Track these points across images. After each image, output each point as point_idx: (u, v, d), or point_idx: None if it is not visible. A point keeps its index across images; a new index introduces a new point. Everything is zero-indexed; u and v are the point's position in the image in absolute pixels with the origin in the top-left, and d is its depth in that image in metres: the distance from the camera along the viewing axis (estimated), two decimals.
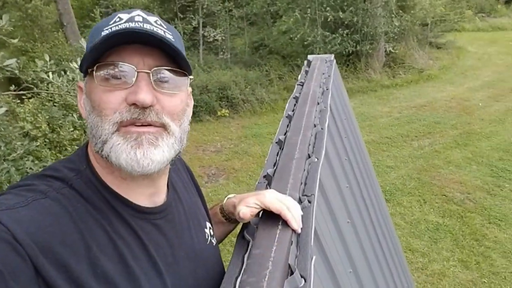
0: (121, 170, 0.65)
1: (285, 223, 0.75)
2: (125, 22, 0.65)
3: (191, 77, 0.72)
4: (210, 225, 0.88)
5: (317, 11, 9.47)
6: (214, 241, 0.87)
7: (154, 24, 0.67)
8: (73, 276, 0.56)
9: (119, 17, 0.67)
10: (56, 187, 0.63)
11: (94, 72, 0.65)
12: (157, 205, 0.74)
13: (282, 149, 1.09)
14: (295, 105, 1.44)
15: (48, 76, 2.38)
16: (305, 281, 0.64)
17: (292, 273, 0.65)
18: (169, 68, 0.67)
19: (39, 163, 2.75)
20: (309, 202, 0.85)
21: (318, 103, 1.40)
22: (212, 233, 0.87)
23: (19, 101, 4.46)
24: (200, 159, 6.60)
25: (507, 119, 7.23)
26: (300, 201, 0.85)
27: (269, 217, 0.77)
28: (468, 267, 3.87)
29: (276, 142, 1.15)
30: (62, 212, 0.59)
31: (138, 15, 0.67)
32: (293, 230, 0.75)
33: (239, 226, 0.88)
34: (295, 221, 0.75)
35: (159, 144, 0.66)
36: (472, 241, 4.22)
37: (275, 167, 1.00)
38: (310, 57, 2.06)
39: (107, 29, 0.65)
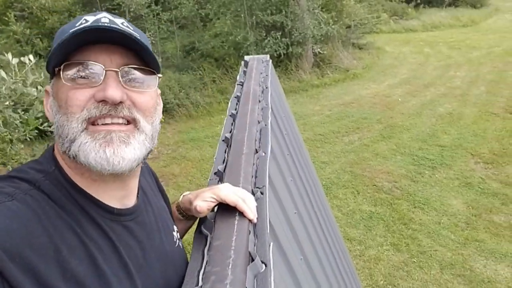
0: (91, 170, 0.64)
1: (242, 214, 0.78)
2: (91, 23, 0.64)
3: (159, 75, 0.72)
4: (176, 228, 0.88)
5: (247, 15, 9.65)
6: (181, 244, 0.87)
7: (121, 25, 0.66)
8: (41, 280, 0.53)
9: (85, 19, 0.66)
10: (23, 188, 0.60)
11: (61, 72, 0.63)
12: (128, 207, 0.73)
13: (230, 146, 1.11)
14: (237, 104, 1.47)
15: None
16: (265, 266, 0.67)
17: (253, 259, 0.67)
18: (138, 66, 0.67)
19: None
20: (262, 193, 0.89)
21: (260, 101, 1.45)
22: (179, 236, 0.88)
23: None
24: None
25: (423, 112, 7.96)
26: (253, 193, 0.88)
27: (225, 210, 0.79)
28: (400, 249, 4.20)
29: (223, 140, 1.17)
30: (30, 214, 0.57)
31: (105, 17, 0.67)
32: (250, 220, 0.78)
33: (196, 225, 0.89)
34: (251, 212, 0.78)
35: (130, 142, 0.66)
36: (401, 226, 4.58)
37: (224, 164, 1.03)
38: (247, 57, 2.10)
39: (73, 30, 0.63)
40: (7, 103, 2.47)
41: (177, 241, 0.85)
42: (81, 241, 0.61)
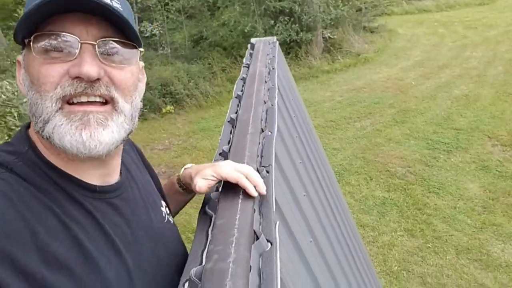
0: (66, 152, 0.60)
1: (246, 192, 0.75)
2: None
3: (141, 49, 0.67)
4: (165, 204, 0.86)
5: (254, 2, 9.52)
6: (171, 219, 0.84)
7: None
8: (20, 267, 0.50)
9: None
10: None
11: (31, 43, 0.58)
12: (111, 184, 0.70)
13: (235, 127, 1.08)
14: (243, 85, 1.43)
15: None
16: (271, 244, 0.64)
17: (258, 238, 0.64)
18: (117, 39, 0.62)
19: None
20: (267, 172, 0.85)
21: (266, 82, 1.41)
22: (168, 211, 0.85)
23: None
24: (148, 158, 6.41)
25: (438, 95, 7.78)
26: (258, 172, 0.85)
27: (229, 188, 0.76)
28: (414, 235, 4.14)
29: (228, 121, 1.14)
30: (1, 199, 0.53)
31: None
32: (255, 196, 0.74)
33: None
34: (259, 186, 0.75)
35: (108, 124, 0.61)
36: (416, 211, 4.51)
37: (230, 144, 1.00)
38: (253, 40, 2.06)
39: None
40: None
41: (166, 216, 0.82)
42: (61, 222, 0.58)
